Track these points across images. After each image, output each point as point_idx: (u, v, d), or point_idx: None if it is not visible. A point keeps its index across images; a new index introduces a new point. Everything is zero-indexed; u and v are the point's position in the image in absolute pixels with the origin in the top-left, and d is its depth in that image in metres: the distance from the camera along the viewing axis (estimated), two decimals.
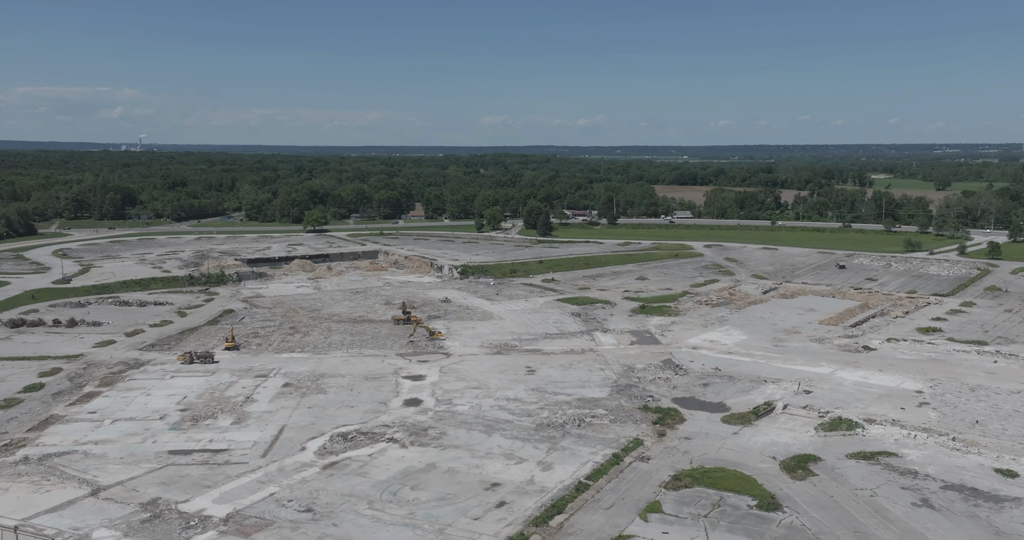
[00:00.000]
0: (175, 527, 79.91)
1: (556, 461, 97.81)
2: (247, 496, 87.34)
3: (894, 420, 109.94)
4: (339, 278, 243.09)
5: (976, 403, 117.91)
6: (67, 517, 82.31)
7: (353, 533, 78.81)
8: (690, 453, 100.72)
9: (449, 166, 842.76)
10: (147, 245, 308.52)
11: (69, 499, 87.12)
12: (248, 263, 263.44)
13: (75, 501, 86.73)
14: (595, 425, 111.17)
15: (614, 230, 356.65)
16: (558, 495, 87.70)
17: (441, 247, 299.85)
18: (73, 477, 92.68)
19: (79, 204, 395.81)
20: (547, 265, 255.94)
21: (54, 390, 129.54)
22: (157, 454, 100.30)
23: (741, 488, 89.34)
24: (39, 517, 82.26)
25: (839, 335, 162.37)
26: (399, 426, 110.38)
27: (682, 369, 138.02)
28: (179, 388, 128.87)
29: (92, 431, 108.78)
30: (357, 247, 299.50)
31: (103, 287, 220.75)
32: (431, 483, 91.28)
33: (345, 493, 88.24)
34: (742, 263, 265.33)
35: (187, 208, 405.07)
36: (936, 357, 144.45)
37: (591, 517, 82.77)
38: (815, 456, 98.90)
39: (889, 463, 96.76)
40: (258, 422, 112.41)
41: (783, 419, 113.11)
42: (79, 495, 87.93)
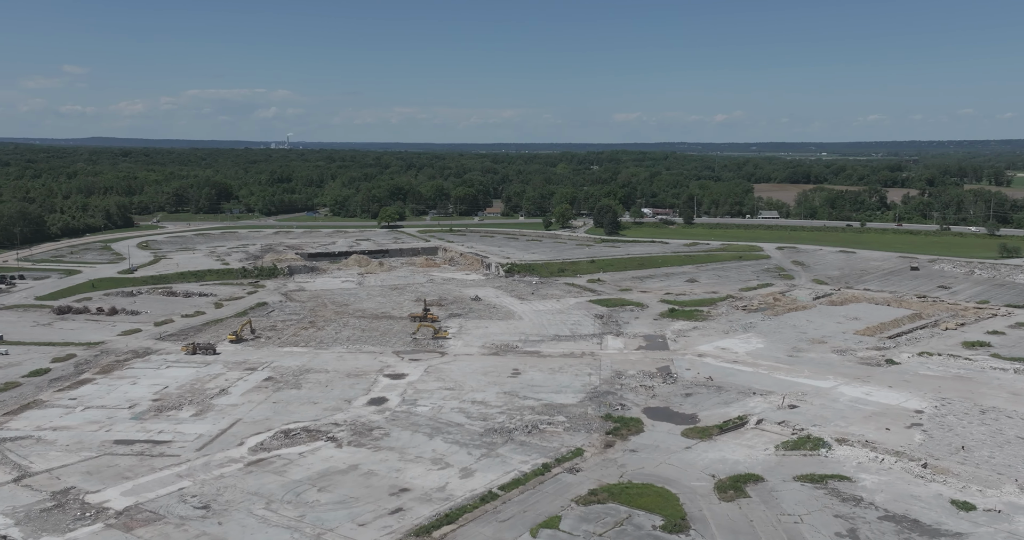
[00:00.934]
0: (68, 518, 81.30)
1: (481, 468, 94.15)
2: (156, 490, 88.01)
3: (868, 441, 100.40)
4: (387, 274, 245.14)
5: (978, 427, 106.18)
6: None
7: (232, 533, 77.96)
8: (627, 467, 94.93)
9: (559, 164, 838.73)
10: (226, 238, 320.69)
11: None
12: (309, 257, 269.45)
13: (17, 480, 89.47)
14: (546, 432, 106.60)
15: (688, 230, 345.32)
16: (460, 505, 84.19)
17: (501, 245, 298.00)
18: (9, 462, 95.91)
19: (179, 198, 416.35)
20: (598, 265, 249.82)
21: (56, 376, 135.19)
22: (102, 443, 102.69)
23: (656, 507, 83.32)
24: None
25: (868, 346, 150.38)
26: (348, 425, 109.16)
27: (673, 377, 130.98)
28: (166, 378, 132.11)
29: (60, 417, 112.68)
30: (420, 243, 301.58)
31: (160, 278, 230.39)
32: (341, 485, 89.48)
33: (252, 491, 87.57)
34: (809, 267, 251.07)
35: (277, 203, 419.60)
36: (963, 374, 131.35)
37: (480, 530, 78.92)
38: (759, 476, 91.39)
39: (836, 488, 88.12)
40: (217, 415, 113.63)
41: (750, 435, 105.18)
42: (3, 480, 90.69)
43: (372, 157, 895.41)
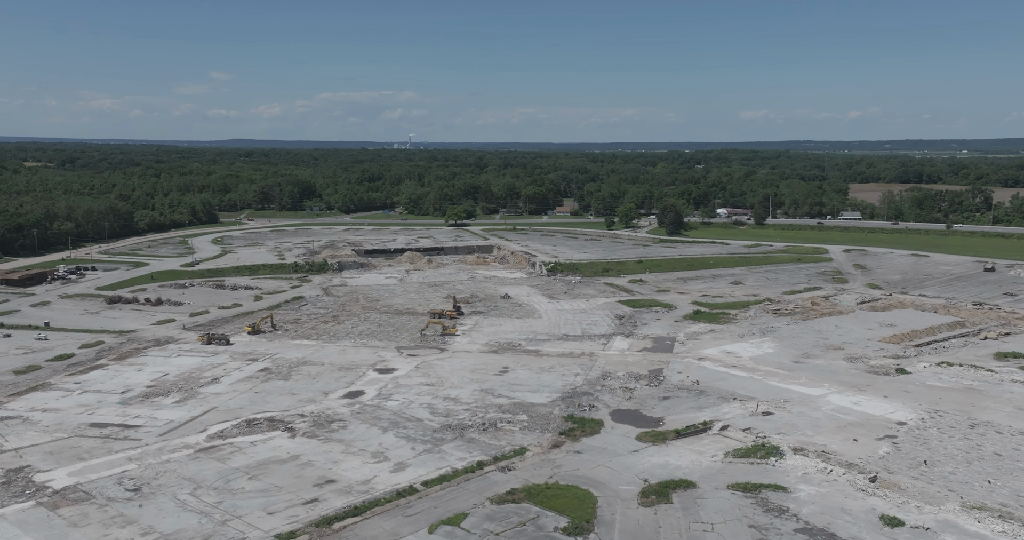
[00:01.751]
0: (7, 494, 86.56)
1: (416, 464, 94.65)
2: (101, 471, 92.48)
3: (826, 452, 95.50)
4: (433, 271, 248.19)
5: (958, 441, 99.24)
6: None
7: (145, 515, 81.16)
8: (563, 468, 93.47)
9: (659, 163, 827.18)
10: (297, 235, 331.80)
11: None
12: (365, 253, 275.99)
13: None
14: (502, 431, 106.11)
15: (757, 231, 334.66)
16: (375, 498, 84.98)
17: (556, 244, 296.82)
18: None
19: (265, 196, 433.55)
20: (645, 265, 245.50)
21: (76, 361, 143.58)
22: (78, 425, 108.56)
23: (568, 509, 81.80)
24: None
25: (886, 354, 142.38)
26: (313, 416, 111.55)
27: (659, 380, 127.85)
28: (171, 366, 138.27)
29: (55, 400, 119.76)
30: (478, 241, 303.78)
31: (217, 271, 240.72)
32: (274, 474, 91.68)
33: (187, 477, 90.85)
34: (870, 270, 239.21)
35: (357, 201, 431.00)
36: (976, 386, 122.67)
37: (381, 523, 79.46)
38: (692, 482, 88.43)
39: (767, 498, 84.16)
40: (197, 402, 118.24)
41: (708, 441, 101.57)
42: None
43: (475, 156, 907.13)
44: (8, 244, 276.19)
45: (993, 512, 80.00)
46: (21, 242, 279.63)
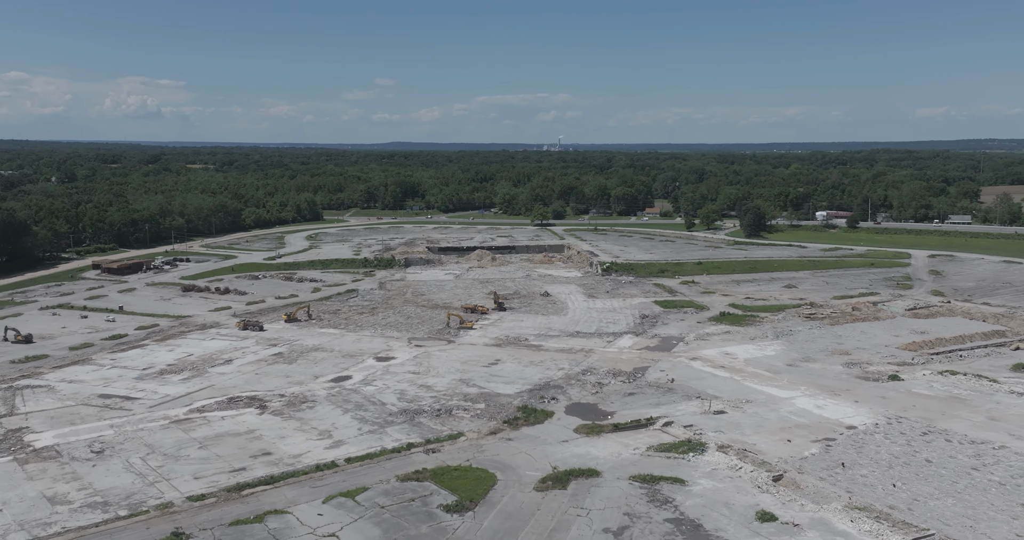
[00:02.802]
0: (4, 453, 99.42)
1: (354, 442, 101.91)
2: (81, 435, 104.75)
3: (749, 451, 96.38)
4: (495, 268, 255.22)
5: (897, 447, 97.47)
6: None
7: (92, 474, 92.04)
8: (485, 452, 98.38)
9: (791, 164, 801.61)
10: (387, 232, 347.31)
11: None
12: (439, 250, 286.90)
13: None
14: (454, 417, 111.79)
15: (848, 234, 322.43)
16: (296, 470, 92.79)
17: (627, 244, 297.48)
18: (9, 403, 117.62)
19: (370, 196, 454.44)
20: (704, 267, 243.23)
21: (124, 341, 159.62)
22: (89, 396, 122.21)
23: (463, 489, 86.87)
24: None
25: (893, 361, 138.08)
26: (290, 397, 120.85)
27: (635, 377, 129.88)
28: (199, 348, 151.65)
29: (85, 373, 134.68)
30: (553, 241, 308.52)
31: (293, 265, 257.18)
32: (222, 445, 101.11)
33: (147, 443, 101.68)
34: (944, 276, 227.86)
35: (456, 201, 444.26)
36: (963, 396, 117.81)
37: (285, 492, 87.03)
38: (597, 471, 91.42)
39: (660, 489, 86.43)
40: (200, 380, 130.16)
41: (644, 435, 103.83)
42: None
43: (604, 158, 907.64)
44: (124, 237, 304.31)
45: (872, 513, 78.96)
46: (136, 235, 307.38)
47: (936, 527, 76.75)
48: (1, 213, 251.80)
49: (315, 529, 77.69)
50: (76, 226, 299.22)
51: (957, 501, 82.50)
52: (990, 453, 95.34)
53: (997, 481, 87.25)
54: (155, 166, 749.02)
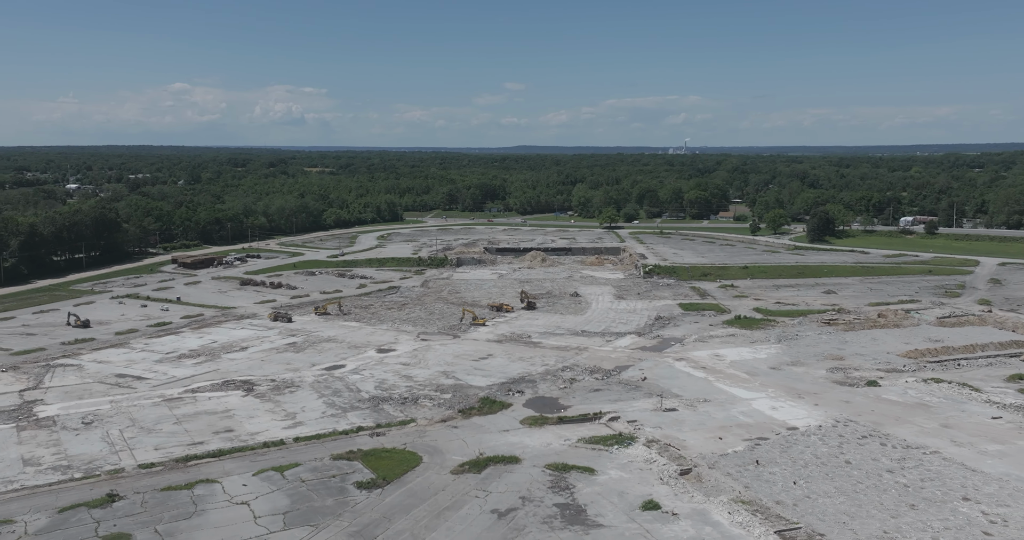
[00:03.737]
0: (7, 416, 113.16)
1: (312, 424, 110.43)
2: (82, 408, 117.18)
3: (675, 446, 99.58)
4: (541, 269, 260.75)
5: (824, 448, 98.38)
6: None
7: (71, 442, 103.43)
8: (425, 437, 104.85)
9: (912, 167, 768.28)
10: (456, 232, 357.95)
11: (10, 390, 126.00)
12: (497, 251, 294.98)
13: (8, 393, 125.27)
14: (419, 406, 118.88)
15: (924, 240, 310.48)
16: (245, 446, 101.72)
17: (683, 247, 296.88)
18: (41, 377, 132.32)
19: (451, 198, 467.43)
20: (750, 271, 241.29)
21: (166, 328, 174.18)
22: (107, 375, 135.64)
23: (384, 469, 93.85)
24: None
25: (881, 367, 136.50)
26: (279, 382, 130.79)
27: (610, 375, 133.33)
28: (225, 336, 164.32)
29: (116, 355, 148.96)
30: (613, 243, 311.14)
31: (351, 262, 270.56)
32: (195, 422, 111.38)
33: (133, 417, 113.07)
34: (1004, 285, 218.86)
35: (534, 203, 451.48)
36: (931, 403, 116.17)
37: (225, 465, 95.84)
38: (517, 458, 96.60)
39: (566, 477, 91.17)
40: (210, 364, 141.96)
41: (583, 428, 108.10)
42: (17, 387, 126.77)
43: (713, 160, 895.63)
44: (208, 234, 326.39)
45: (753, 506, 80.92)
46: (220, 233, 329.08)
47: (809, 522, 78.03)
48: (94, 211, 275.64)
49: (233, 497, 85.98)
50: (167, 224, 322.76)
51: (848, 499, 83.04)
52: (916, 457, 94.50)
53: (903, 483, 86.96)
54: (274, 169, 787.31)
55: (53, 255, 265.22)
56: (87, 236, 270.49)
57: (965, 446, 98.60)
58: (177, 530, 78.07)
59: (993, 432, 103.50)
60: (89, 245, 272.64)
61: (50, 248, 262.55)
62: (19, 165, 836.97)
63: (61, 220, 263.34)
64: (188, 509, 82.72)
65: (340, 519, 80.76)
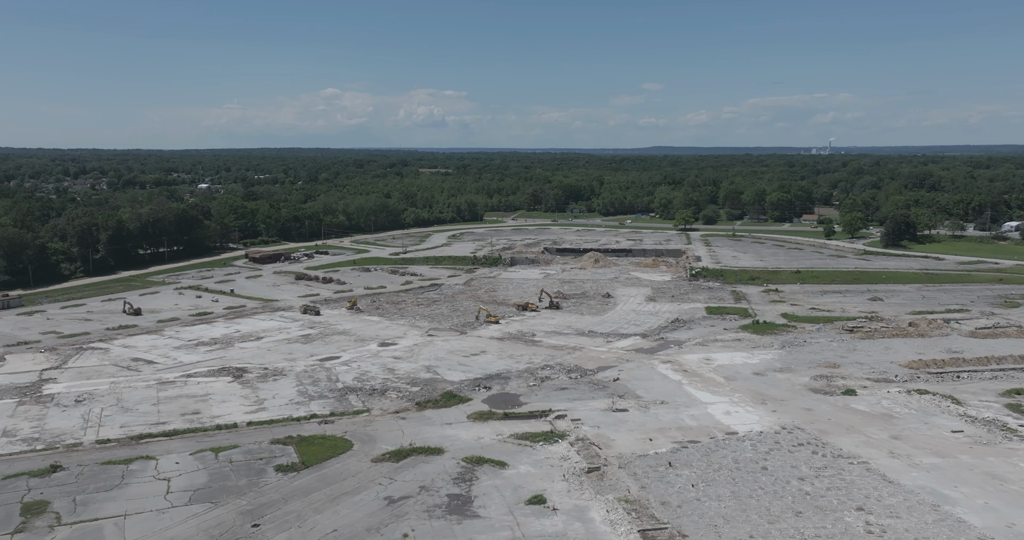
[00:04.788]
0: (15, 390, 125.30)
1: (273, 410, 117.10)
2: (83, 387, 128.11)
3: (594, 444, 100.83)
4: (591, 270, 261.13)
5: (751, 454, 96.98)
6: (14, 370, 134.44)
7: (54, 416, 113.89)
8: (368, 427, 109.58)
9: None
10: (529, 232, 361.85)
11: (28, 368, 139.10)
12: (556, 251, 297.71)
13: (31, 371, 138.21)
14: (384, 396, 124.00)
15: (1018, 247, 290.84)
16: (199, 427, 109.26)
17: (748, 251, 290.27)
18: (67, 358, 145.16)
19: (534, 198, 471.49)
20: (802, 276, 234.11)
21: (205, 318, 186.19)
22: (125, 358, 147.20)
23: (309, 454, 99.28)
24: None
25: (871, 377, 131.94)
26: (270, 370, 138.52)
27: (588, 375, 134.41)
28: (250, 326, 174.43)
29: (145, 341, 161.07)
30: (679, 245, 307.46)
31: (408, 260, 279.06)
32: (173, 403, 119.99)
33: (120, 397, 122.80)
34: None
35: (617, 204, 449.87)
36: (897, 414, 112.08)
37: (172, 444, 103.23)
38: (440, 450, 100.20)
39: (474, 470, 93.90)
40: (219, 351, 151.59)
41: (524, 424, 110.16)
42: (41, 366, 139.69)
43: (838, 161, 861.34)
44: (287, 231, 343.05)
45: (634, 505, 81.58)
46: (299, 229, 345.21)
47: (681, 523, 77.77)
48: (175, 208, 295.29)
49: (159, 474, 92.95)
50: (251, 221, 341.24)
51: (737, 504, 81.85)
52: (839, 467, 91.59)
53: (806, 491, 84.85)
54: (390, 170, 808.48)
55: (139, 249, 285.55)
56: (170, 232, 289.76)
57: (900, 458, 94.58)
58: (93, 501, 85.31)
59: (941, 445, 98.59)
60: (172, 240, 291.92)
61: (136, 242, 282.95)
62: (168, 166, 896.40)
63: (146, 217, 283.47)
64: (114, 482, 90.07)
65: (241, 498, 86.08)
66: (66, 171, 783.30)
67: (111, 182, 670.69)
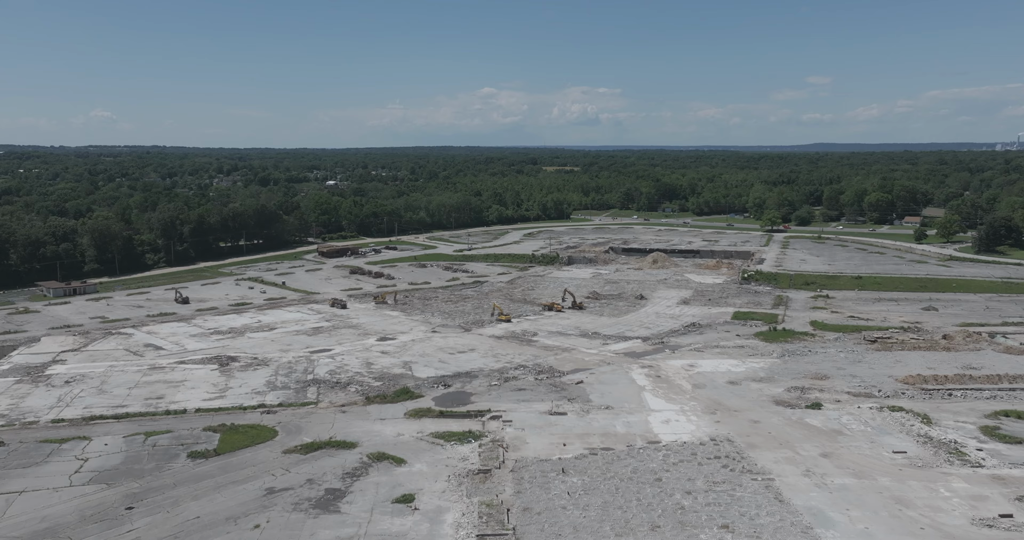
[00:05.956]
0: (19, 373, 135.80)
1: (231, 397, 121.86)
2: (82, 370, 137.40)
3: (502, 446, 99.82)
4: (650, 270, 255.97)
5: (659, 464, 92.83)
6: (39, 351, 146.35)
7: (38, 394, 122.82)
8: (305, 419, 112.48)
9: None
10: (608, 231, 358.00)
11: (51, 349, 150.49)
12: (622, 251, 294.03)
13: (51, 352, 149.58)
14: (343, 390, 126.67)
15: None
16: (150, 412, 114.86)
17: (822, 254, 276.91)
18: (86, 342, 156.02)
19: (628, 197, 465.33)
20: (863, 282, 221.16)
21: (241, 307, 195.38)
22: (139, 344, 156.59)
23: (229, 442, 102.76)
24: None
25: (854, 391, 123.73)
26: (259, 359, 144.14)
27: (556, 377, 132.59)
28: (275, 318, 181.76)
29: (169, 328, 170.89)
30: (752, 247, 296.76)
31: (467, 257, 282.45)
32: (144, 388, 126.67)
33: (106, 380, 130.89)
34: None
35: (712, 204, 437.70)
36: (850, 430, 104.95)
37: (119, 426, 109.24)
38: (353, 444, 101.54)
39: (371, 465, 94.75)
40: (228, 341, 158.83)
41: (454, 423, 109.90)
42: (68, 347, 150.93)
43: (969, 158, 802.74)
44: (367, 227, 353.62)
45: (492, 509, 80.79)
46: (378, 225, 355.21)
47: (527, 531, 76.57)
48: (254, 203, 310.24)
49: (82, 453, 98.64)
50: (334, 216, 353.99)
51: (600, 514, 79.27)
52: (739, 482, 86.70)
53: (683, 505, 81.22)
54: (512, 168, 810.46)
55: (220, 242, 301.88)
56: (250, 226, 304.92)
57: (813, 477, 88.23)
58: (6, 476, 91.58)
59: (868, 465, 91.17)
60: (251, 233, 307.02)
61: (217, 235, 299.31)
62: (311, 164, 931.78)
63: (226, 212, 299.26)
64: (37, 460, 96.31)
65: (137, 481, 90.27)
66: (220, 168, 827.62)
67: (248, 179, 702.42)
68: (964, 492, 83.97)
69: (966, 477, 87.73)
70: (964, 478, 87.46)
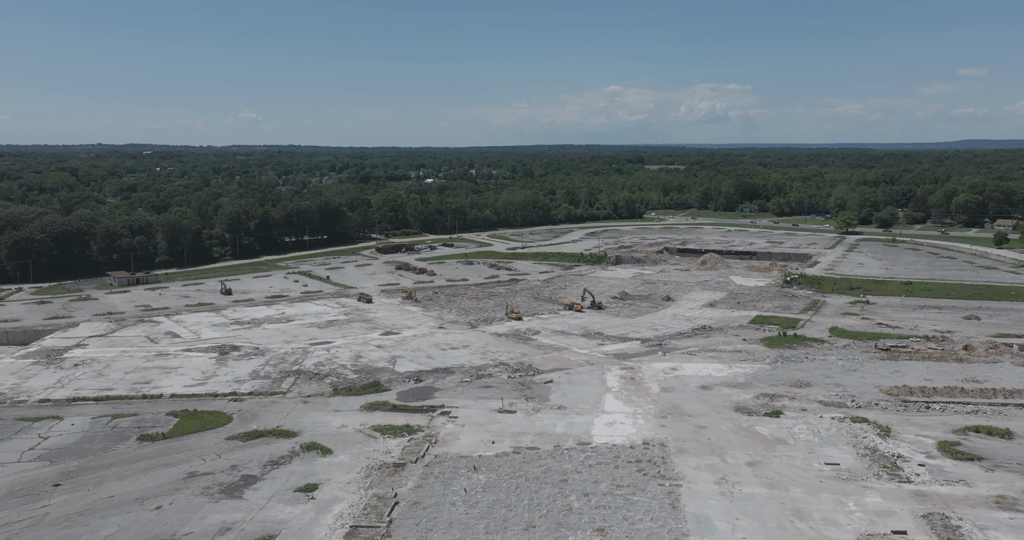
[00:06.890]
0: (39, 356, 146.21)
1: (212, 385, 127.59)
2: (97, 354, 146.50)
3: (431, 440, 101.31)
4: (695, 271, 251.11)
5: (574, 465, 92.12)
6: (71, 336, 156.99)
7: (43, 376, 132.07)
8: (266, 408, 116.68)
9: None
10: (677, 232, 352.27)
11: (83, 334, 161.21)
12: (676, 252, 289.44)
13: (80, 337, 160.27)
14: (319, 382, 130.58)
15: None
16: (126, 396, 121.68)
17: (886, 258, 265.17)
18: (121, 326, 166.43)
19: (706, 196, 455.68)
20: (913, 288, 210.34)
21: (275, 299, 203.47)
22: (159, 332, 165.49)
23: (184, 427, 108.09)
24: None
25: (829, 401, 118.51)
26: (259, 349, 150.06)
27: (530, 375, 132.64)
28: (300, 309, 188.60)
29: (198, 316, 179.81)
30: (811, 249, 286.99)
31: (518, 255, 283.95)
32: (138, 374, 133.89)
33: (110, 365, 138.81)
34: None
35: (794, 204, 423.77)
36: (792, 440, 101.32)
37: (92, 408, 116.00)
38: (295, 434, 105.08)
39: (298, 454, 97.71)
40: (242, 331, 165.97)
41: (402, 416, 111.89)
42: (95, 332, 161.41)
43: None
44: (431, 224, 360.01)
45: (382, 501, 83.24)
46: (442, 222, 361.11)
47: (404, 525, 77.79)
48: (318, 200, 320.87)
49: (46, 431, 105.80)
50: (400, 213, 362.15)
51: (482, 512, 79.63)
52: (643, 488, 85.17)
53: (572, 508, 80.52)
54: (610, 167, 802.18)
55: (285, 237, 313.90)
56: (314, 221, 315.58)
57: (724, 485, 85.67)
58: None
59: (789, 476, 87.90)
60: (315, 229, 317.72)
61: (282, 231, 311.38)
62: (419, 163, 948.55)
63: (291, 208, 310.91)
64: (5, 436, 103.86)
65: (79, 460, 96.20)
66: (334, 166, 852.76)
67: (352, 177, 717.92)
68: (873, 507, 79.64)
69: (885, 492, 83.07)
70: (882, 493, 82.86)
